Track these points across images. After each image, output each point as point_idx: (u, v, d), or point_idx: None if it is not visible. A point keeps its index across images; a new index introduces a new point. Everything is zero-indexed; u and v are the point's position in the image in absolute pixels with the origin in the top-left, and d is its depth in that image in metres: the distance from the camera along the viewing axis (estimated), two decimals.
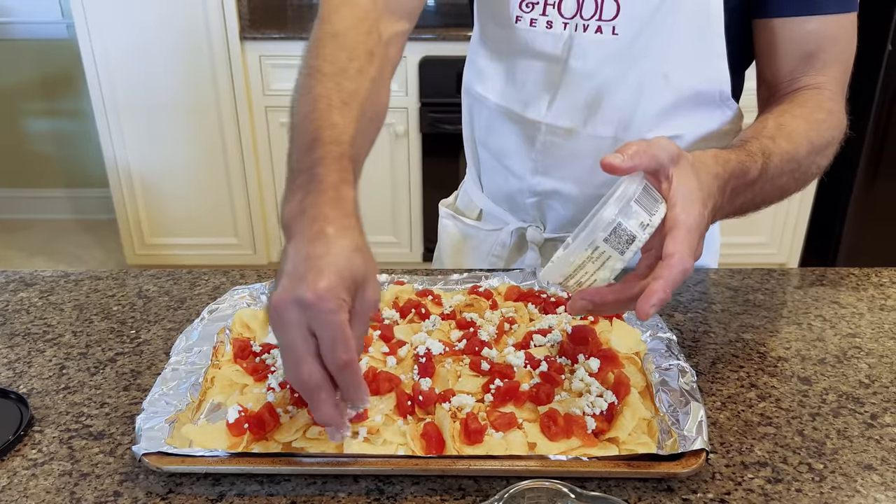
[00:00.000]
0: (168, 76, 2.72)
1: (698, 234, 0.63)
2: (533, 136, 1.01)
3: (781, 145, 0.79)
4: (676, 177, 0.64)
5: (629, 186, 0.63)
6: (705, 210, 0.65)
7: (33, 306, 0.95)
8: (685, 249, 0.61)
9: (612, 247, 0.62)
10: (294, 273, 0.58)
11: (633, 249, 0.62)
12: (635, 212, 0.62)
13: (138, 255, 3.03)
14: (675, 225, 0.62)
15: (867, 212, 2.78)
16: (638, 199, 0.62)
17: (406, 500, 0.65)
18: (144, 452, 0.65)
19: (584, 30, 0.92)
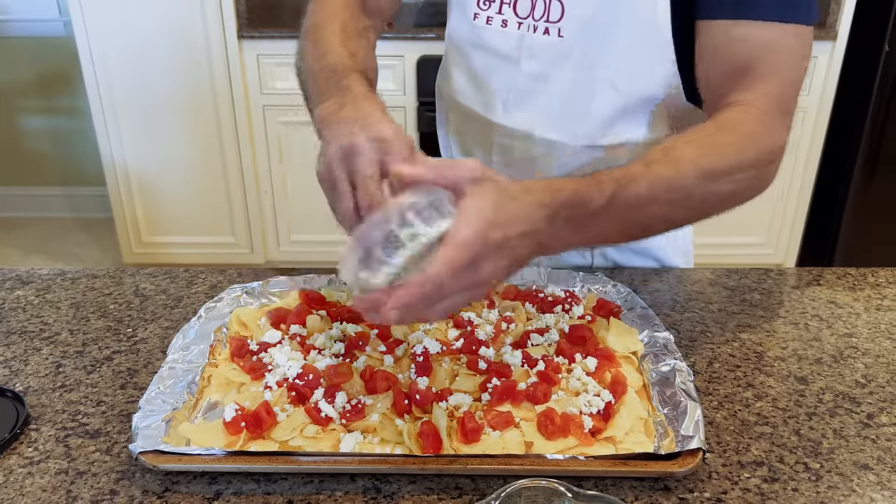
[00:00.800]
0: (165, 75, 2.71)
1: (471, 253, 0.60)
2: (491, 137, 1.02)
3: (657, 171, 0.72)
4: (469, 195, 0.62)
5: (415, 195, 0.63)
6: (495, 232, 0.61)
7: (30, 304, 0.95)
8: (443, 263, 0.59)
9: (383, 252, 0.62)
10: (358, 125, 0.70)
11: (400, 257, 0.61)
12: (410, 221, 0.62)
13: (135, 253, 3.02)
14: (447, 240, 0.60)
15: (864, 212, 2.78)
16: (419, 210, 0.62)
17: (403, 498, 0.65)
18: (141, 451, 0.65)
19: (534, 31, 0.92)
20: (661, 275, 1.03)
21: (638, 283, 1.00)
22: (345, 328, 0.83)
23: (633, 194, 0.70)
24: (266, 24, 2.78)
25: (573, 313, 0.87)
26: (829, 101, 2.64)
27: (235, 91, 2.72)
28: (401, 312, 0.60)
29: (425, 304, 0.60)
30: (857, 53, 2.60)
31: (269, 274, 0.98)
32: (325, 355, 0.79)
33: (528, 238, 0.64)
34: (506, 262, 0.63)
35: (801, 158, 2.73)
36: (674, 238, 1.10)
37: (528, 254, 0.66)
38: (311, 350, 0.80)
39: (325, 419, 0.69)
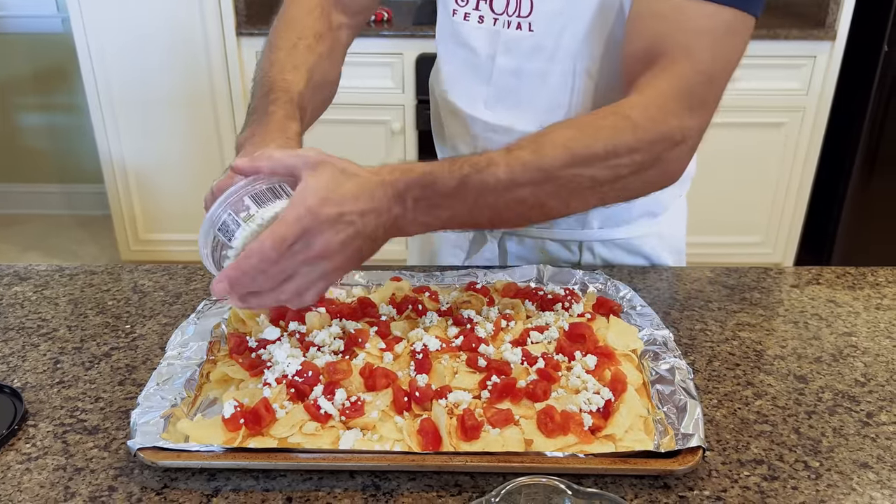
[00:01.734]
0: (164, 71, 2.71)
1: (300, 227, 0.64)
2: (474, 132, 1.02)
3: (519, 156, 0.72)
4: (304, 179, 0.66)
5: (252, 183, 0.69)
6: (327, 209, 0.65)
7: (27, 300, 0.95)
8: (268, 238, 0.64)
9: (223, 235, 0.68)
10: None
11: (239, 237, 0.67)
12: (245, 204, 0.67)
13: (133, 250, 3.02)
14: (280, 218, 0.65)
15: (862, 212, 2.79)
16: (254, 195, 0.68)
17: (402, 495, 0.64)
18: (140, 447, 0.65)
19: (507, 26, 0.93)
20: (660, 273, 1.03)
21: (637, 282, 0.99)
22: (344, 325, 0.83)
23: (490, 178, 0.71)
24: (264, 21, 2.78)
25: (573, 311, 0.87)
26: (827, 101, 2.64)
27: (234, 88, 2.72)
28: (229, 283, 0.65)
29: (251, 277, 0.65)
30: (857, 53, 2.60)
31: None
32: (325, 352, 0.78)
33: (372, 215, 0.67)
34: (342, 236, 0.66)
35: (799, 158, 2.73)
36: (665, 236, 1.10)
37: (378, 231, 0.69)
38: (310, 347, 0.79)
39: (324, 416, 0.69)
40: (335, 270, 0.68)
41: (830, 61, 2.59)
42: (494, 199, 0.72)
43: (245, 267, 0.65)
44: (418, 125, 2.75)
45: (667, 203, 1.08)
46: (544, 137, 0.75)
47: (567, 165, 0.73)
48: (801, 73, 2.61)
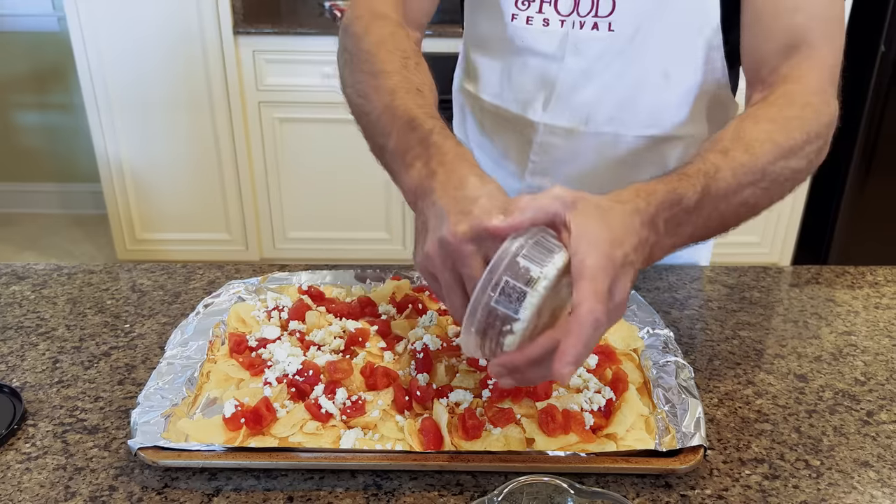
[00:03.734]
0: (160, 70, 2.70)
1: (608, 277, 0.56)
2: (530, 137, 1.00)
3: (736, 158, 0.70)
4: (575, 223, 0.58)
5: (513, 242, 0.57)
6: (618, 251, 0.57)
7: (26, 300, 0.94)
8: (590, 298, 0.54)
9: (504, 307, 0.56)
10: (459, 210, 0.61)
11: (527, 307, 0.55)
12: (523, 267, 0.56)
13: (129, 250, 3.01)
14: (578, 273, 0.56)
15: (859, 212, 2.79)
16: (525, 254, 0.56)
17: (404, 495, 0.64)
18: (140, 447, 0.65)
19: (580, 27, 0.92)
20: (660, 273, 1.03)
21: (638, 281, 0.99)
22: (344, 324, 0.82)
23: (722, 184, 0.68)
24: (262, 19, 2.78)
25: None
26: None
27: (231, 87, 2.71)
28: (575, 365, 0.54)
29: (590, 347, 0.55)
30: (853, 54, 2.60)
31: (268, 269, 0.98)
32: (325, 351, 0.78)
33: (640, 249, 0.60)
34: (630, 278, 0.59)
35: None
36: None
37: (641, 265, 0.62)
38: (310, 346, 0.79)
39: (325, 415, 0.69)
40: (619, 320, 0.61)
41: None
42: (725, 205, 0.70)
43: (585, 337, 0.54)
44: None
45: None
46: (746, 134, 0.72)
47: (777, 160, 0.72)
48: None
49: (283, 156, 2.84)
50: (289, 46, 2.66)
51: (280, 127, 2.79)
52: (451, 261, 0.60)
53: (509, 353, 0.57)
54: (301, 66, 2.69)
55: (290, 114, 2.76)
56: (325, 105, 2.71)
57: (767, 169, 0.72)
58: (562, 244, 0.58)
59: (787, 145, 0.73)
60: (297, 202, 2.94)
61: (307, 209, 2.96)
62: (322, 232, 2.97)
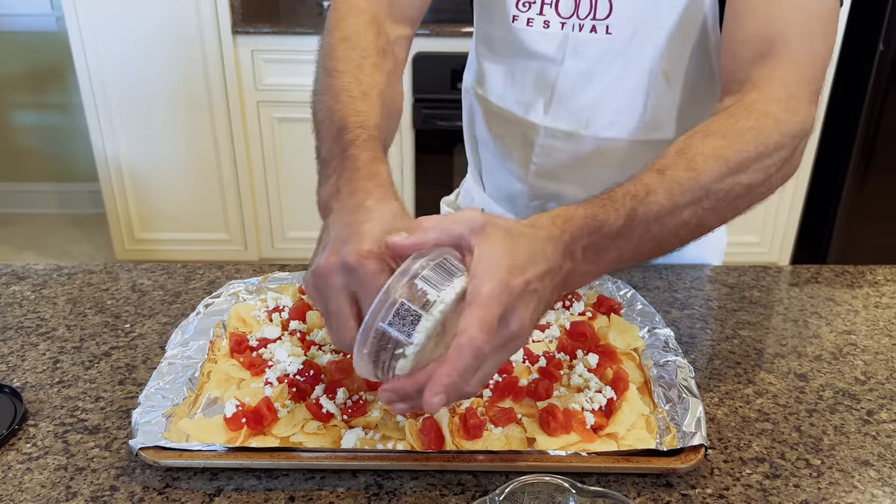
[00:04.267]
0: (159, 70, 2.70)
1: (500, 305, 0.53)
2: (532, 139, 1.00)
3: (675, 177, 0.66)
4: (478, 247, 0.56)
5: (414, 262, 0.55)
6: (517, 278, 0.55)
7: (26, 300, 0.94)
8: (474, 326, 0.52)
9: (397, 330, 0.54)
10: (338, 240, 0.60)
11: (420, 331, 0.53)
12: (420, 290, 0.54)
13: (128, 250, 3.01)
14: (470, 299, 0.54)
15: (857, 211, 2.80)
16: (424, 276, 0.54)
17: (405, 495, 0.64)
18: (141, 447, 0.65)
19: (579, 29, 0.91)
20: (660, 272, 1.03)
21: (638, 281, 1.00)
22: None
23: (653, 206, 0.64)
24: (261, 19, 2.77)
25: (574, 310, 0.87)
26: (823, 100, 2.65)
27: (229, 86, 2.71)
28: (446, 395, 0.53)
29: (467, 378, 0.53)
30: (852, 53, 2.61)
31: (268, 269, 0.98)
32: (326, 351, 0.78)
33: (549, 277, 0.58)
34: (532, 308, 0.57)
35: None
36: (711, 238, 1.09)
37: (552, 295, 0.59)
38: (311, 346, 0.79)
39: (326, 415, 0.69)
40: (518, 349, 0.59)
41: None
42: (659, 228, 0.65)
43: (460, 368, 0.53)
44: (415, 124, 2.75)
45: None
46: (691, 150, 0.68)
47: (724, 176, 0.68)
48: None
49: (281, 155, 2.84)
50: (287, 46, 2.66)
51: (279, 126, 2.79)
52: (321, 293, 0.60)
53: (399, 379, 0.55)
54: (300, 66, 2.68)
55: (289, 113, 2.76)
56: None
57: (712, 187, 0.67)
58: (464, 268, 0.56)
59: (735, 160, 0.68)
60: (296, 202, 2.94)
61: (306, 209, 2.95)
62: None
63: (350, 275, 0.57)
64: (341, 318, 0.58)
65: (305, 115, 1.68)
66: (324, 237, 0.63)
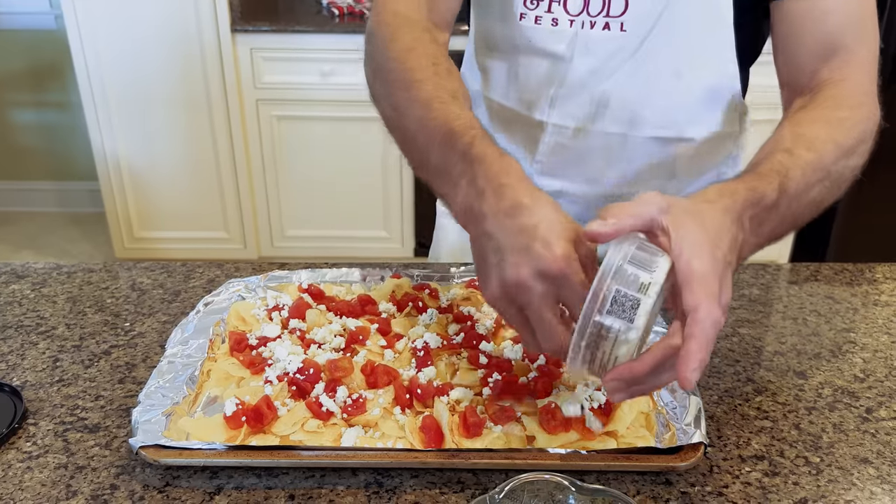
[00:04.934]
0: (158, 68, 2.70)
1: (716, 278, 0.55)
2: (537, 137, 1.00)
3: (803, 157, 0.71)
4: (673, 226, 0.57)
5: (618, 250, 0.56)
6: (718, 251, 0.57)
7: (25, 298, 0.94)
8: (707, 299, 0.54)
9: (618, 317, 0.55)
10: (516, 248, 0.59)
11: (641, 314, 0.55)
12: (631, 274, 0.55)
13: (127, 248, 3.01)
14: (687, 277, 0.55)
15: (857, 209, 2.79)
16: (631, 260, 0.56)
17: (405, 493, 0.64)
18: (141, 445, 0.65)
19: (590, 27, 0.90)
20: None
21: None
22: (345, 323, 0.83)
23: (793, 184, 0.69)
24: (260, 17, 2.77)
25: None
26: None
27: (228, 85, 2.71)
28: (700, 369, 0.53)
29: (710, 349, 0.54)
30: None
31: (268, 268, 0.98)
32: (326, 349, 0.78)
33: (734, 247, 0.61)
34: (729, 277, 0.59)
35: None
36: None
37: (736, 265, 0.62)
38: (311, 344, 0.79)
39: (326, 413, 0.69)
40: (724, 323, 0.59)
41: None
42: (797, 204, 0.70)
43: (706, 340, 0.53)
44: None
45: None
46: (807, 136, 0.74)
47: (838, 159, 0.74)
48: None
49: (281, 154, 2.84)
50: (286, 44, 2.66)
51: (278, 125, 2.79)
52: (517, 303, 0.60)
53: (627, 364, 0.56)
54: (299, 64, 2.68)
55: (288, 112, 2.76)
56: (324, 103, 2.71)
57: (831, 168, 0.73)
58: (662, 250, 0.57)
59: (846, 145, 0.75)
60: (296, 200, 2.94)
61: (305, 207, 2.95)
62: (320, 230, 2.97)
63: (550, 282, 0.58)
64: (549, 325, 0.60)
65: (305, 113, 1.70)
66: (489, 245, 0.62)
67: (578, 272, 0.59)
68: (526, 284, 0.59)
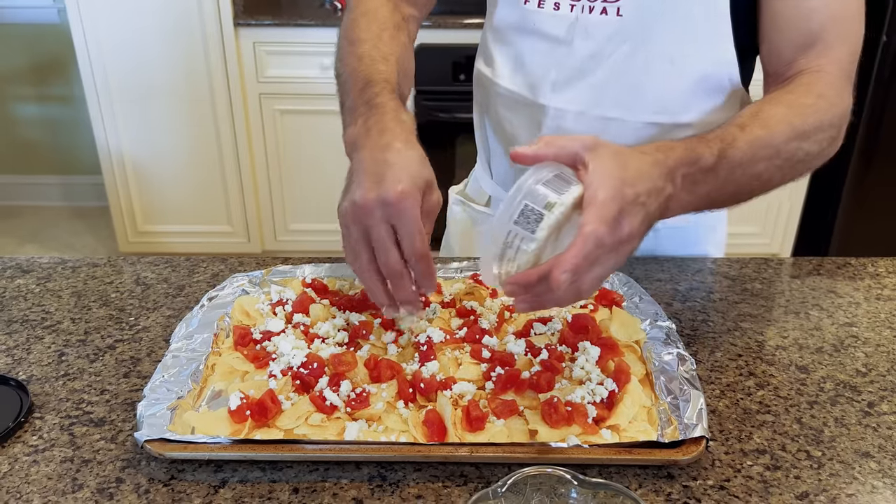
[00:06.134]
0: (161, 62, 2.70)
1: (616, 208, 0.62)
2: (540, 121, 1.01)
3: (753, 132, 0.76)
4: (592, 161, 0.64)
5: (537, 172, 0.64)
6: (629, 189, 0.63)
7: (31, 293, 0.95)
8: (596, 220, 0.61)
9: (522, 228, 0.63)
10: (374, 175, 0.70)
11: (543, 228, 0.62)
12: (542, 193, 0.63)
13: (131, 242, 3.02)
14: (588, 201, 0.62)
15: (860, 203, 2.79)
16: (546, 183, 0.63)
17: (408, 486, 0.65)
18: (147, 439, 0.65)
19: (589, 11, 0.93)
20: (662, 265, 1.03)
21: (639, 273, 1.00)
22: (348, 317, 0.83)
23: (737, 153, 0.74)
24: (262, 11, 2.77)
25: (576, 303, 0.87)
26: None
27: (231, 79, 2.71)
28: (572, 273, 0.60)
29: (588, 264, 0.61)
30: None
31: (271, 262, 0.98)
32: (329, 344, 0.79)
33: (654, 195, 0.66)
34: (639, 219, 0.64)
35: None
36: (713, 227, 1.14)
37: (655, 213, 0.67)
38: (314, 339, 0.80)
39: (329, 407, 0.69)
40: (625, 258, 0.66)
41: None
42: (740, 174, 0.75)
43: (584, 251, 0.60)
44: (417, 116, 2.74)
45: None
46: (764, 115, 0.78)
47: (791, 139, 0.78)
48: None
49: (283, 147, 2.84)
50: (289, 38, 2.66)
51: (281, 119, 2.79)
52: (362, 223, 0.70)
53: (522, 272, 0.63)
54: (301, 58, 2.68)
55: (291, 105, 2.76)
56: (326, 96, 2.71)
57: (782, 147, 0.77)
58: (579, 181, 0.64)
59: (801, 128, 0.79)
60: (299, 194, 2.94)
61: (308, 201, 2.96)
62: (323, 224, 2.97)
63: (389, 209, 0.68)
64: (385, 245, 0.70)
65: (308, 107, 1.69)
66: (355, 169, 0.73)
67: (414, 210, 0.68)
68: (369, 206, 0.69)
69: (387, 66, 0.85)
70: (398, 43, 0.92)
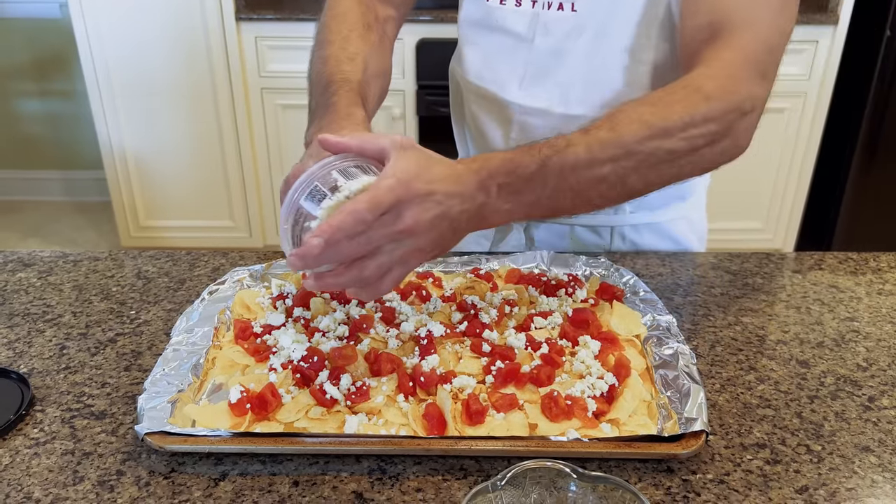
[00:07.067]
0: (163, 57, 2.69)
1: (394, 198, 0.63)
2: (509, 117, 1.02)
3: (597, 134, 0.72)
4: (394, 158, 0.66)
5: (339, 159, 0.69)
6: (420, 185, 0.65)
7: (32, 286, 0.95)
8: (366, 203, 0.63)
9: (307, 206, 0.67)
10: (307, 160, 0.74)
11: (324, 207, 0.66)
12: (333, 178, 0.67)
13: (133, 237, 3.02)
14: (370, 187, 0.65)
15: (862, 198, 2.78)
16: (341, 170, 0.68)
17: (408, 479, 0.65)
18: (147, 432, 0.66)
19: (547, 7, 0.94)
20: (663, 259, 1.03)
21: (640, 268, 1.00)
22: (348, 311, 0.83)
23: (570, 157, 0.71)
24: (264, 5, 2.77)
25: (576, 297, 0.87)
26: (829, 86, 2.63)
27: (233, 73, 2.71)
28: (318, 236, 0.62)
29: (347, 235, 0.63)
30: (858, 38, 2.59)
31: (272, 256, 0.98)
32: (330, 338, 0.79)
33: (458, 200, 0.67)
34: (431, 214, 0.65)
35: (800, 144, 2.73)
36: (692, 220, 1.12)
37: (461, 217, 0.68)
38: (315, 332, 0.80)
39: (329, 401, 0.69)
40: (417, 252, 0.67)
41: (832, 46, 2.58)
42: (576, 178, 0.72)
43: (338, 223, 0.63)
44: (418, 111, 2.74)
45: (694, 186, 1.09)
46: (619, 115, 0.75)
47: (645, 139, 0.73)
48: (804, 58, 2.60)
49: (285, 142, 2.84)
50: (291, 33, 2.65)
51: (282, 113, 2.79)
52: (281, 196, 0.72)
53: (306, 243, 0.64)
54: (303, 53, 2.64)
55: (293, 100, 2.75)
56: None
57: (633, 147, 0.72)
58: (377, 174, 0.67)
59: (659, 126, 0.73)
60: None
61: None
62: None
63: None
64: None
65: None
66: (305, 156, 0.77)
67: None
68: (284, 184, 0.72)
69: (352, 66, 0.88)
70: (367, 42, 0.94)
